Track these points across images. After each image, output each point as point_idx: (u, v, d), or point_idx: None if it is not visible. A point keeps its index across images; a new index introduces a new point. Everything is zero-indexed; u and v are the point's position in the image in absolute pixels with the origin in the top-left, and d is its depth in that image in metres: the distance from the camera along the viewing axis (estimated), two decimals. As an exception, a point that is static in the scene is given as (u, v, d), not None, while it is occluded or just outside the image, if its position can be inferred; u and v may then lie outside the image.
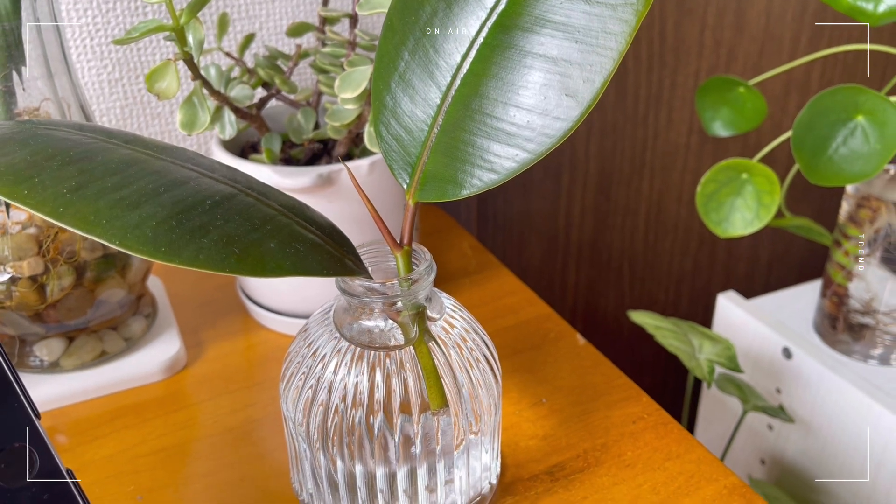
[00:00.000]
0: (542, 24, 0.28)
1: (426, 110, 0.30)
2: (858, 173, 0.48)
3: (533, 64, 0.28)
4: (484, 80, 0.29)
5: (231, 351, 0.45)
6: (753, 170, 0.57)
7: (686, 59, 0.75)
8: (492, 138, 0.29)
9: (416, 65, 0.31)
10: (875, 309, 0.61)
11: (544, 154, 0.28)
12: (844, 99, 0.48)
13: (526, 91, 0.28)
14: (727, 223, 0.59)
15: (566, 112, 0.28)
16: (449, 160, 0.30)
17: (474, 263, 0.53)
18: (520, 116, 0.28)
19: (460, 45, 0.30)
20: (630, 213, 0.82)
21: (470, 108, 0.29)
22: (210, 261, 0.25)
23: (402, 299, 0.31)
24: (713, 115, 0.67)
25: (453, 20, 0.30)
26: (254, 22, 0.51)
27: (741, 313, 0.67)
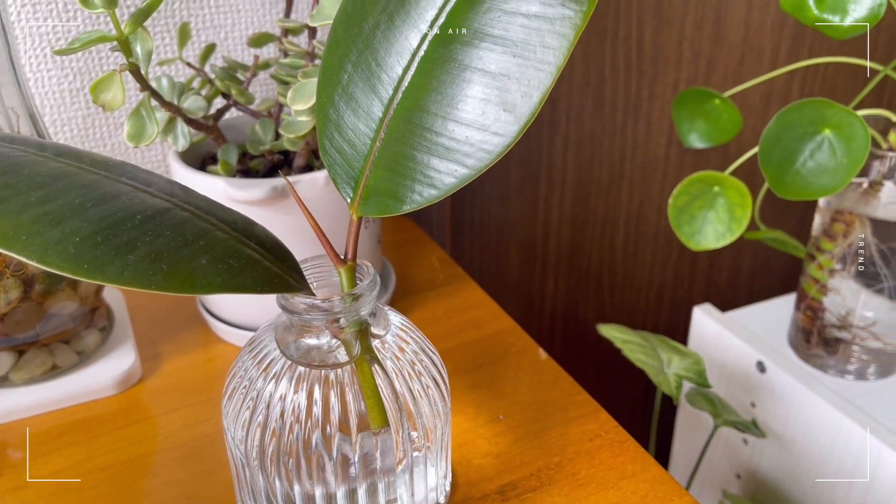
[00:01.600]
0: (481, 38, 0.27)
1: (369, 124, 0.30)
2: (826, 187, 0.48)
3: (472, 78, 0.27)
4: (425, 94, 0.29)
5: (188, 364, 0.44)
6: (725, 183, 0.57)
7: (664, 70, 0.75)
8: (432, 153, 0.28)
9: (359, 77, 0.30)
10: (851, 323, 0.61)
11: (483, 169, 0.28)
12: (811, 112, 0.47)
13: (465, 106, 0.28)
14: (699, 236, 0.58)
15: (504, 127, 0.27)
16: (391, 174, 0.29)
17: (442, 276, 0.52)
18: (459, 131, 0.28)
19: (402, 58, 0.29)
20: (609, 223, 0.81)
21: (411, 122, 0.29)
22: (136, 278, 0.25)
23: (344, 316, 0.30)
24: (689, 127, 0.66)
25: (395, 33, 0.29)
26: (219, 31, 0.50)
27: (716, 326, 0.66)
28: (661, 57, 0.74)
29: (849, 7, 0.45)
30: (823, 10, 0.46)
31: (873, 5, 0.45)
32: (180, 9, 0.49)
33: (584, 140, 0.75)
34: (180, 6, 0.49)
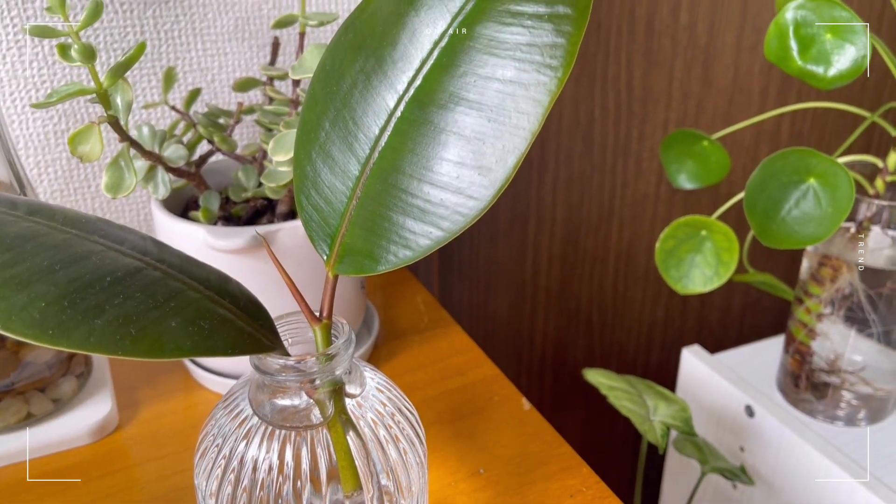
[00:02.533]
0: (457, 102, 0.27)
1: (345, 182, 0.30)
2: (811, 236, 0.48)
3: (447, 141, 0.27)
4: (401, 155, 0.28)
5: (167, 412, 0.44)
6: (712, 227, 0.57)
7: (654, 110, 0.75)
8: (407, 214, 0.28)
9: (336, 136, 0.30)
10: (839, 368, 0.60)
11: (458, 232, 0.27)
12: (796, 161, 0.48)
13: (440, 168, 0.27)
14: (687, 279, 0.58)
15: (479, 191, 0.27)
16: (367, 234, 0.29)
17: (426, 320, 0.52)
18: (434, 194, 0.28)
19: (379, 118, 0.29)
20: (599, 262, 0.81)
21: (387, 182, 0.29)
22: (102, 343, 0.24)
23: (318, 376, 0.30)
24: (678, 168, 0.66)
25: (372, 93, 0.29)
26: (205, 74, 0.50)
27: (705, 368, 0.66)
28: (650, 97, 0.75)
29: (832, 58, 0.46)
30: (807, 60, 0.46)
31: (857, 57, 0.45)
32: (167, 51, 0.49)
33: (573, 179, 0.75)
34: (167, 49, 0.49)
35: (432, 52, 0.28)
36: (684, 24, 0.72)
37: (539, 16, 0.26)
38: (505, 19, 0.27)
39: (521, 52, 0.26)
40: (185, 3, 0.48)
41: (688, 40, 0.73)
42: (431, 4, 0.28)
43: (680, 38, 0.73)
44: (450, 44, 0.28)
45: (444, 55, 0.28)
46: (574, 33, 0.26)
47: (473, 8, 0.27)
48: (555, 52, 0.26)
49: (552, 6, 0.26)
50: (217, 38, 0.50)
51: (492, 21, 0.27)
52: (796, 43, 0.46)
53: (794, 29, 0.46)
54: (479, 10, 0.27)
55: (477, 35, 0.27)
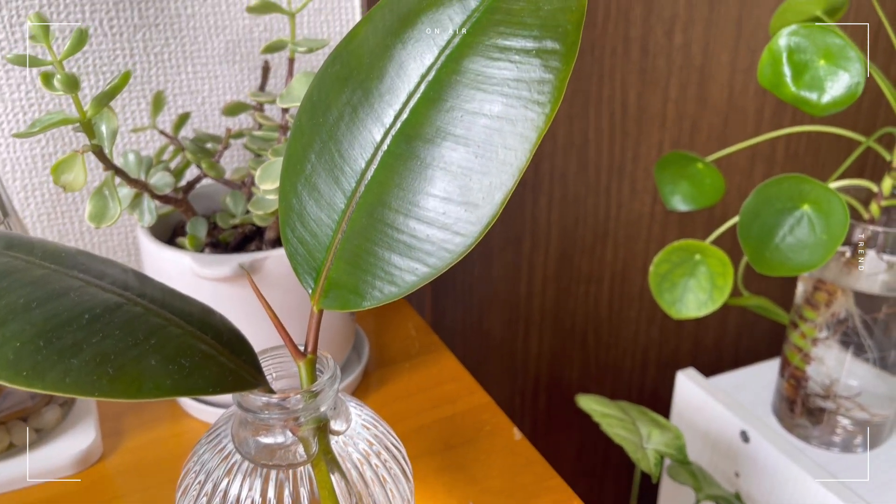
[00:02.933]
0: (444, 137, 0.27)
1: (331, 215, 0.29)
2: (805, 263, 0.47)
3: (434, 176, 0.27)
4: (387, 189, 0.28)
5: (152, 441, 0.43)
6: (706, 251, 0.56)
7: (649, 131, 0.75)
8: (393, 250, 0.28)
9: (322, 168, 0.30)
10: (835, 393, 0.60)
11: (444, 269, 0.27)
12: (790, 188, 0.47)
13: (427, 203, 0.27)
14: (681, 304, 0.57)
15: (465, 227, 0.26)
16: (352, 268, 0.29)
17: (417, 346, 0.51)
18: (420, 229, 0.27)
19: (365, 151, 0.29)
20: (594, 282, 0.80)
21: (373, 216, 0.28)
22: (78, 384, 0.24)
23: (302, 414, 0.29)
24: (672, 190, 0.66)
25: (359, 126, 0.29)
26: (195, 97, 0.50)
27: (700, 393, 0.65)
28: (645, 118, 0.74)
29: (826, 85, 0.45)
30: (801, 87, 0.46)
31: (851, 84, 0.45)
32: (157, 75, 0.49)
33: (568, 200, 0.75)
34: (157, 72, 0.49)
35: (419, 86, 0.28)
36: (679, 44, 0.72)
37: (527, 51, 0.26)
38: (492, 54, 0.26)
39: (508, 87, 0.26)
40: (175, 27, 0.48)
41: (682, 61, 0.73)
42: (419, 37, 0.28)
43: (675, 58, 0.73)
44: (437, 77, 0.27)
45: (432, 89, 0.27)
46: (562, 69, 0.26)
47: (461, 42, 0.27)
48: (542, 87, 0.26)
49: (540, 41, 0.26)
50: (208, 62, 0.49)
51: (479, 56, 0.27)
52: (790, 69, 0.46)
53: (788, 55, 0.46)
54: (466, 44, 0.27)
55: (464, 69, 0.27)
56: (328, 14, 0.52)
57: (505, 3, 0.27)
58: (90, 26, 0.46)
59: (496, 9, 0.27)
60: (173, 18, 0.48)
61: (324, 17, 0.52)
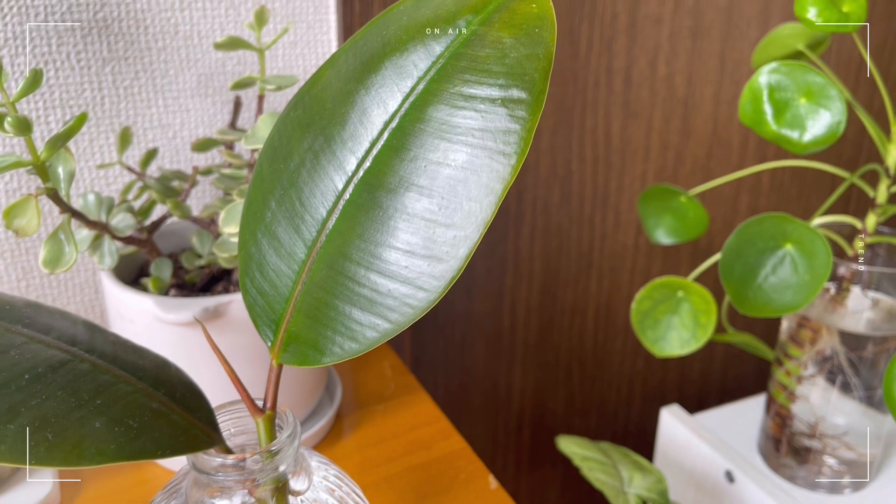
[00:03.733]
0: (407, 187, 0.26)
1: (291, 266, 0.28)
2: (789, 304, 0.46)
3: (397, 228, 0.26)
4: (348, 240, 0.27)
5: (114, 490, 0.41)
6: (689, 288, 0.55)
7: (632, 162, 0.74)
8: (353, 304, 0.26)
9: (283, 216, 0.28)
10: (822, 432, 0.58)
11: (407, 325, 0.26)
12: (772, 227, 0.46)
13: (389, 256, 0.26)
14: (664, 341, 0.56)
15: (429, 282, 0.25)
16: (312, 322, 0.27)
17: (392, 387, 0.50)
18: (382, 283, 0.26)
19: (326, 199, 0.27)
20: (578, 314, 0.79)
21: (333, 268, 0.27)
22: (13, 452, 0.22)
23: (259, 475, 0.28)
24: (656, 223, 0.65)
25: (320, 173, 0.28)
26: (167, 131, 0.49)
27: (684, 430, 0.64)
28: (629, 149, 0.74)
29: (807, 123, 0.45)
30: (782, 125, 0.45)
31: (832, 123, 0.44)
32: (126, 108, 0.48)
33: (551, 231, 0.74)
34: (126, 106, 0.47)
35: (382, 134, 0.27)
36: (662, 75, 0.72)
37: (492, 100, 0.25)
38: (457, 102, 0.25)
39: (473, 137, 0.25)
40: (145, 60, 0.47)
41: (666, 92, 0.73)
42: (382, 83, 0.27)
43: (658, 89, 0.72)
44: (401, 125, 0.26)
45: (395, 137, 0.26)
46: (528, 119, 0.25)
47: (425, 89, 0.26)
48: (508, 138, 0.25)
49: (506, 90, 0.25)
50: (179, 95, 0.48)
51: (444, 104, 0.26)
52: (771, 107, 0.45)
53: (769, 93, 0.45)
54: (430, 91, 0.26)
55: (429, 118, 0.26)
56: (303, 48, 0.51)
57: (471, 49, 0.26)
58: (57, 59, 0.45)
59: (461, 55, 0.26)
60: (143, 51, 0.47)
61: (299, 50, 0.51)
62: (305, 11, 0.50)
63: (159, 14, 0.46)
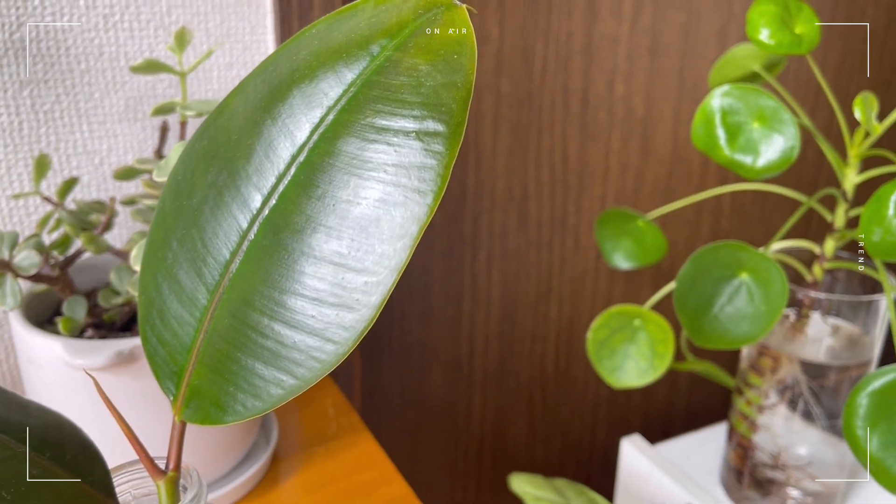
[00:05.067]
0: (314, 228, 0.23)
1: (193, 313, 0.26)
2: (745, 335, 0.45)
3: (303, 272, 0.23)
4: (252, 286, 0.24)
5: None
6: (646, 317, 0.53)
7: (591, 184, 0.73)
8: (257, 357, 0.24)
9: (185, 258, 0.26)
10: (785, 463, 0.57)
11: (315, 381, 0.23)
12: (727, 256, 0.45)
13: (294, 304, 0.23)
14: (621, 371, 0.54)
15: (338, 334, 0.23)
16: (215, 376, 0.25)
17: (334, 426, 0.47)
18: (287, 334, 0.23)
19: (230, 240, 0.25)
20: (538, 339, 0.77)
21: (236, 317, 0.25)
22: None
23: (157, 544, 0.25)
24: (614, 247, 0.63)
25: (224, 211, 0.25)
26: (93, 158, 0.46)
27: (645, 462, 0.62)
28: (587, 171, 0.72)
29: (761, 148, 0.43)
30: (735, 150, 0.44)
31: (785, 148, 0.43)
32: (46, 134, 0.45)
33: (508, 255, 0.72)
34: (46, 131, 0.45)
35: (290, 168, 0.24)
36: (620, 95, 0.70)
37: (406, 132, 0.23)
38: (369, 135, 0.23)
39: (386, 173, 0.23)
40: (67, 83, 0.44)
41: (624, 112, 0.71)
42: (290, 113, 0.24)
43: (616, 110, 0.71)
44: (309, 159, 0.24)
45: (302, 172, 0.24)
46: (446, 153, 0.23)
47: (335, 120, 0.24)
48: (423, 174, 0.22)
49: (421, 122, 0.23)
50: (105, 120, 0.46)
51: (354, 136, 0.23)
52: (724, 131, 0.44)
53: (722, 117, 0.44)
54: (341, 122, 0.24)
55: (338, 151, 0.23)
56: (240, 69, 0.48)
57: (384, 77, 0.23)
58: (-31, 83, 0.42)
59: (374, 83, 0.24)
60: (65, 74, 0.44)
61: (235, 72, 0.48)
62: (241, 32, 0.47)
63: (82, 34, 0.44)
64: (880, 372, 0.40)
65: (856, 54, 0.80)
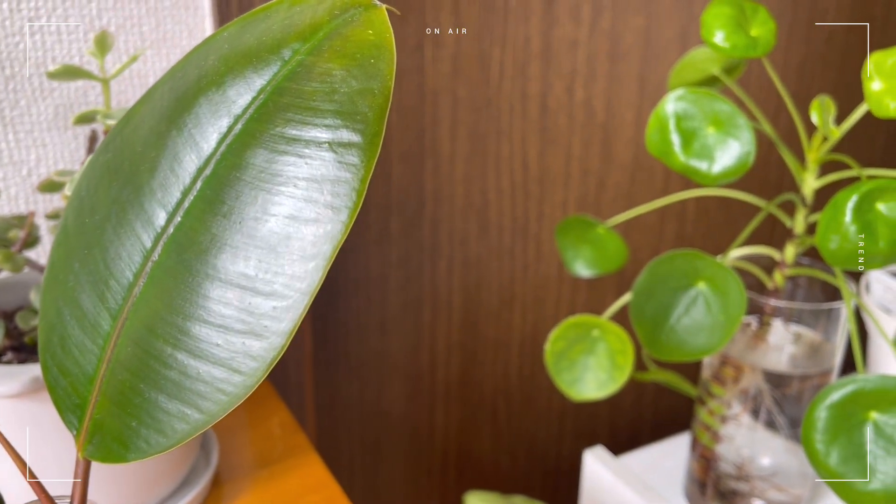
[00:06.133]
0: (220, 248, 0.22)
1: (96, 340, 0.24)
2: (703, 347, 0.43)
3: (209, 296, 0.21)
4: (155, 312, 0.22)
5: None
6: (605, 327, 0.52)
7: (552, 190, 0.71)
8: (160, 389, 0.22)
9: (87, 280, 0.24)
10: (749, 474, 0.56)
11: (222, 415, 0.21)
12: (683, 265, 0.43)
13: (199, 331, 0.22)
14: (581, 383, 0.53)
15: (246, 364, 0.21)
16: (118, 410, 0.23)
17: (280, 448, 0.45)
18: (192, 365, 0.22)
19: (133, 261, 0.23)
20: (502, 349, 0.76)
21: (139, 345, 0.23)
22: None
23: None
24: (574, 255, 0.62)
25: (127, 229, 0.23)
26: (20, 168, 0.44)
27: (608, 474, 0.61)
28: (548, 177, 0.71)
29: (716, 154, 0.42)
30: (690, 156, 0.42)
31: (741, 153, 0.42)
32: (-30, 144, 0.42)
33: (469, 263, 0.70)
34: (-30, 141, 0.42)
35: (195, 183, 0.22)
36: (580, 100, 0.69)
37: (318, 143, 0.21)
38: (279, 146, 0.21)
39: (296, 188, 0.21)
40: (-11, 90, 0.42)
41: (585, 117, 0.70)
42: (196, 122, 0.23)
43: (576, 115, 0.69)
44: (215, 173, 0.22)
45: (208, 187, 0.22)
46: (361, 166, 0.21)
47: (243, 130, 0.22)
48: (337, 189, 0.21)
49: (335, 131, 0.21)
50: (33, 128, 0.43)
51: (263, 148, 0.21)
52: (678, 137, 0.43)
53: (676, 122, 0.43)
54: (249, 132, 0.22)
55: (246, 164, 0.22)
56: (178, 74, 0.46)
57: (295, 83, 0.22)
58: None
59: (285, 90, 0.22)
60: (-12, 81, 0.41)
61: (173, 77, 0.46)
62: (178, 36, 0.45)
63: (5, 39, 0.41)
64: (839, 384, 0.39)
65: (817, 57, 0.79)
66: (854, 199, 0.38)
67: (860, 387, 0.38)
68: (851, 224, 0.38)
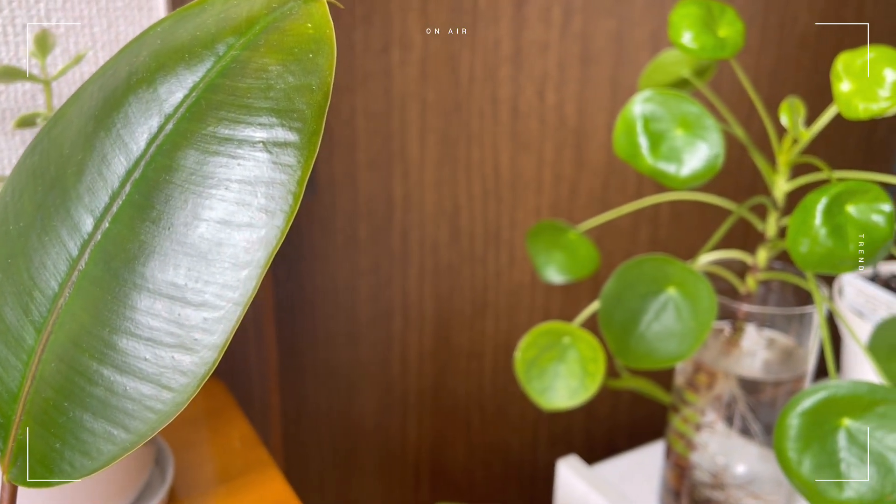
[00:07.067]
0: (149, 256, 0.20)
1: (20, 356, 0.22)
2: (673, 354, 0.42)
3: (136, 307, 0.20)
4: (81, 324, 0.21)
5: None
6: (575, 334, 0.51)
7: (524, 195, 0.70)
8: (85, 408, 0.20)
9: (10, 291, 0.22)
10: (724, 482, 0.55)
11: (151, 435, 0.20)
12: (653, 270, 0.42)
13: (126, 346, 0.20)
14: (551, 392, 0.52)
15: (175, 379, 0.20)
16: (42, 430, 0.21)
17: (240, 463, 0.43)
18: (118, 381, 0.20)
19: (59, 270, 0.22)
20: (475, 357, 0.74)
21: (64, 361, 0.21)
22: None
23: None
24: (546, 260, 0.61)
25: (53, 237, 0.22)
26: (-35, 175, 0.42)
27: (581, 484, 0.59)
28: (520, 182, 0.70)
29: (684, 157, 0.41)
30: (658, 158, 0.42)
31: (710, 156, 0.41)
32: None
33: (441, 270, 0.69)
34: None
35: (124, 186, 0.21)
36: (552, 104, 0.68)
37: (252, 143, 0.20)
38: (210, 146, 0.20)
39: (229, 191, 0.20)
40: (-70, 93, 0.40)
41: (557, 122, 0.69)
42: (125, 122, 0.21)
43: (548, 119, 0.69)
44: (144, 176, 0.21)
45: (137, 191, 0.21)
46: (298, 167, 0.20)
47: (174, 130, 0.21)
48: (272, 191, 0.19)
49: (269, 130, 0.20)
50: (-23, 133, 0.42)
51: (194, 148, 0.20)
52: (646, 139, 0.42)
53: (643, 124, 0.42)
54: (180, 132, 0.20)
55: (177, 166, 0.20)
56: (132, 77, 0.45)
57: (229, 79, 0.20)
58: None
59: (218, 87, 0.20)
60: (-71, 83, 0.40)
61: (126, 80, 0.45)
62: (132, 37, 0.44)
63: (-52, 40, 0.40)
64: (810, 391, 0.38)
65: (790, 60, 0.79)
66: (824, 202, 0.37)
67: (832, 393, 0.37)
68: (821, 227, 0.37)
